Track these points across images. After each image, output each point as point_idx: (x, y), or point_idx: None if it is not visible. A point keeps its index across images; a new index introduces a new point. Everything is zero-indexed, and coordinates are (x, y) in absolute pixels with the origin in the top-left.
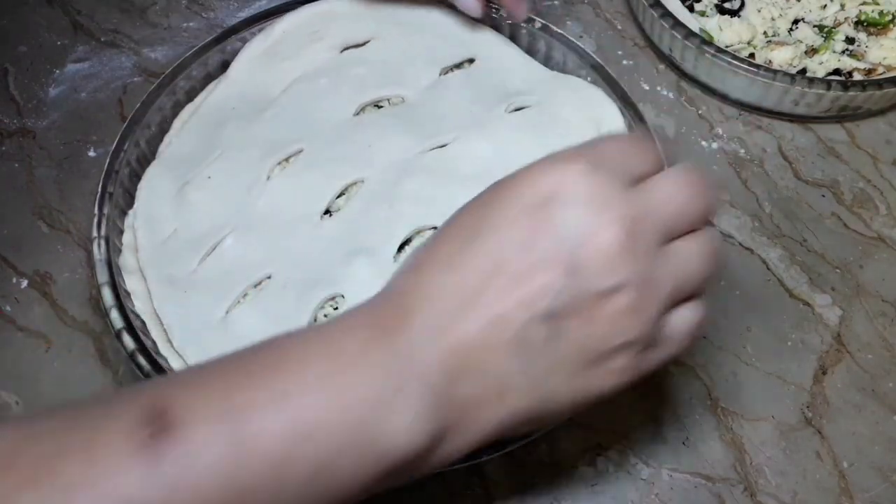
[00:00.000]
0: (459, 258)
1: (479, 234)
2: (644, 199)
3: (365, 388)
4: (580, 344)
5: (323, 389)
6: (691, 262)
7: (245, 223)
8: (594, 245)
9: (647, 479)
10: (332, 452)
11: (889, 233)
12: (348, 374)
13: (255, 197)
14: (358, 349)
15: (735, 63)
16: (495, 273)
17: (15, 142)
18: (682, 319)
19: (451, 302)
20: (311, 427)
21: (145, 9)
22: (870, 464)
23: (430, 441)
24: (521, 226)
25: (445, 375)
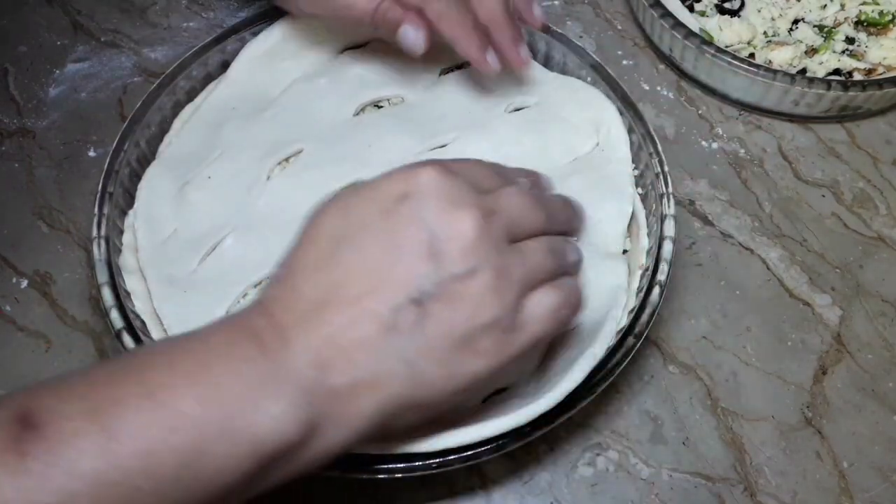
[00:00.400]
0: (326, 260)
1: (343, 238)
2: (492, 201)
3: (231, 381)
4: (446, 326)
5: (188, 384)
6: (539, 254)
7: (245, 223)
8: (451, 233)
9: (647, 479)
10: (201, 443)
11: (889, 233)
12: (214, 368)
13: (255, 197)
14: (225, 347)
15: (735, 63)
16: (361, 268)
17: (15, 142)
18: (538, 303)
19: (318, 299)
20: (177, 419)
21: (145, 9)
22: (870, 464)
23: (304, 430)
24: (381, 223)
25: (315, 367)
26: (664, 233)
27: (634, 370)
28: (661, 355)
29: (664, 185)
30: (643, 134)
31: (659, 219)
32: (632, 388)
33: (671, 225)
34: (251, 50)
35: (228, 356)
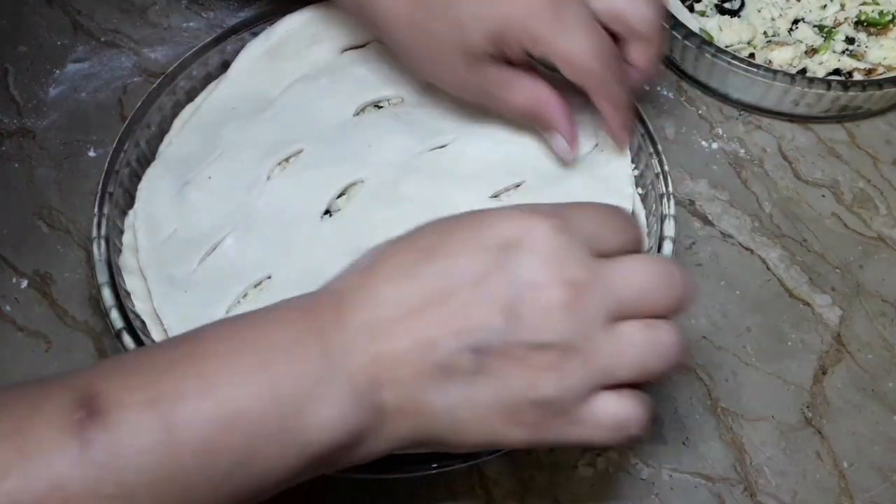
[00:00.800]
0: (409, 272)
1: (435, 254)
2: (603, 272)
3: (291, 382)
4: (498, 388)
5: (249, 380)
6: (633, 349)
7: (245, 223)
8: (538, 298)
9: (646, 480)
10: (256, 442)
11: (889, 233)
12: (276, 366)
13: (256, 197)
14: (289, 342)
15: (735, 63)
16: (440, 296)
17: (15, 142)
18: (606, 407)
19: (391, 312)
20: (236, 416)
21: (145, 9)
22: (870, 464)
23: (350, 438)
24: (477, 260)
25: (370, 381)
26: (664, 233)
27: None
28: None
29: (664, 185)
30: (643, 134)
31: (659, 219)
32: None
33: (671, 225)
34: (252, 50)
35: (291, 355)
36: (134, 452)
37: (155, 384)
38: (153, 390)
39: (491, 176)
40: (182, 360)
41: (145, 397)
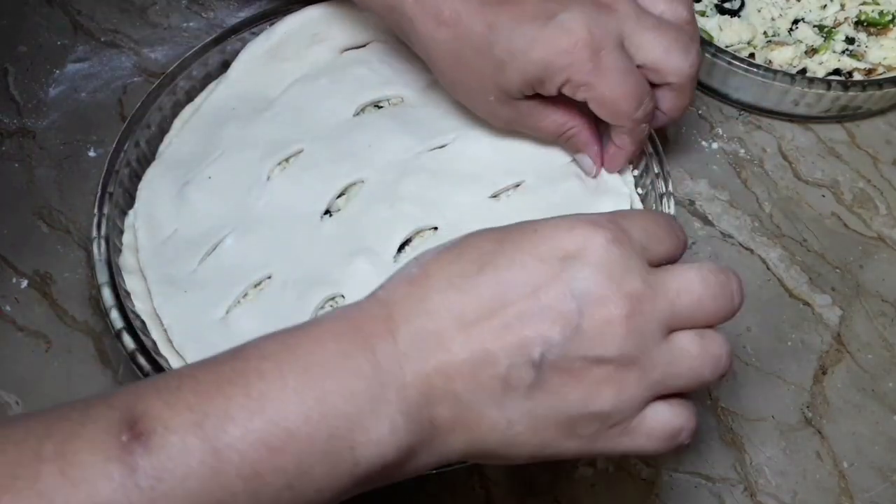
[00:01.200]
0: (465, 282)
1: (491, 265)
2: (659, 284)
3: (341, 400)
4: (556, 401)
5: (297, 399)
6: (688, 360)
7: (245, 223)
8: (599, 313)
9: (647, 479)
10: (305, 463)
11: (889, 233)
12: (325, 384)
13: (256, 197)
14: (337, 358)
15: (735, 63)
16: (498, 308)
17: (15, 142)
18: (659, 417)
19: (445, 323)
20: (285, 439)
21: (145, 9)
22: (870, 464)
23: (401, 455)
24: (533, 271)
25: (424, 396)
26: None
27: None
28: None
29: (664, 186)
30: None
31: None
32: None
33: None
34: (252, 50)
35: (341, 370)
36: (180, 477)
37: (200, 405)
38: (199, 412)
39: (490, 176)
40: (228, 379)
41: (191, 419)
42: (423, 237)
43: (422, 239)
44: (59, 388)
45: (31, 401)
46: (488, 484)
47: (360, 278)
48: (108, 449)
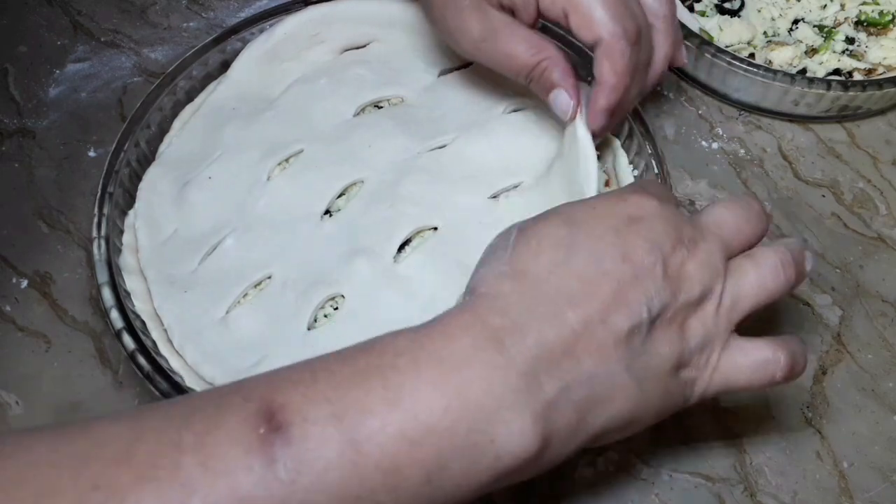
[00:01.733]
0: (560, 268)
1: (574, 246)
2: (701, 226)
3: (476, 393)
4: (670, 348)
5: (436, 392)
6: (748, 276)
7: (245, 223)
8: (676, 258)
9: (647, 480)
10: (445, 457)
11: (889, 233)
12: (460, 378)
13: (256, 197)
14: (468, 353)
15: (735, 63)
16: (599, 278)
17: (15, 142)
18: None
19: (558, 307)
20: (425, 430)
21: (145, 9)
22: (870, 464)
23: (541, 444)
24: (613, 238)
25: (557, 378)
26: None
27: None
28: None
29: None
30: (643, 134)
31: None
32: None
33: None
34: (252, 50)
35: (474, 361)
36: (320, 469)
37: (339, 398)
38: (337, 404)
39: (490, 177)
40: (364, 372)
41: (329, 411)
42: (423, 237)
43: (422, 239)
44: (59, 388)
45: (31, 401)
46: None
47: (360, 278)
48: (248, 440)
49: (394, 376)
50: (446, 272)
